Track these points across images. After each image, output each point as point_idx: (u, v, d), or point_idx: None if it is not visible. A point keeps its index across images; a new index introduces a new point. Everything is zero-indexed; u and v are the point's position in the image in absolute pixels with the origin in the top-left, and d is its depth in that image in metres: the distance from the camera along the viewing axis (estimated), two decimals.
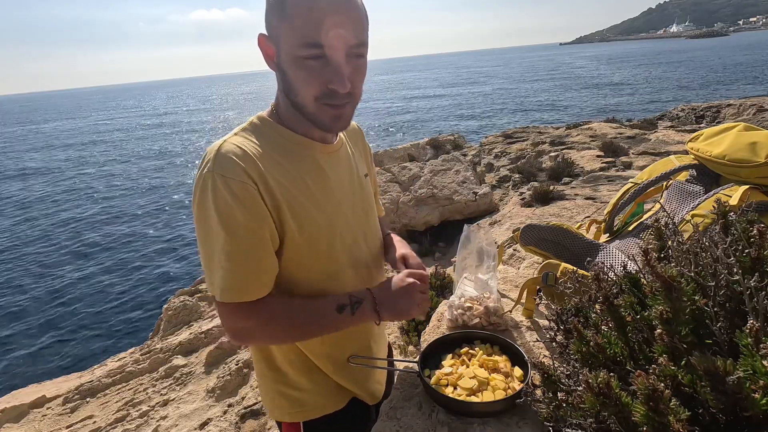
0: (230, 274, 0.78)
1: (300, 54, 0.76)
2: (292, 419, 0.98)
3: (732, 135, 1.21)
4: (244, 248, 0.78)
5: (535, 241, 1.38)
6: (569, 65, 69.70)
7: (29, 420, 3.06)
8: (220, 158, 0.77)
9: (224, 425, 2.48)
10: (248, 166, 0.77)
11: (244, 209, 0.76)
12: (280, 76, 0.82)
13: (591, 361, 0.67)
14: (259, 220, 0.78)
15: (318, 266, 0.89)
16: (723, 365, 0.49)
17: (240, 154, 0.78)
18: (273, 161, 0.82)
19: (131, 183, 17.41)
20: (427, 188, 5.41)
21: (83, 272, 9.26)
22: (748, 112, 7.93)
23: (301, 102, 0.81)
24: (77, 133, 38.21)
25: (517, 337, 1.09)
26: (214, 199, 0.76)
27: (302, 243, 0.85)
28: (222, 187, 0.75)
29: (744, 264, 0.63)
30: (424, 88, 54.36)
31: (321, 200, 0.87)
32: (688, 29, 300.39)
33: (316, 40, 0.74)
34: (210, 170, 0.76)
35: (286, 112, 0.87)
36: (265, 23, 0.80)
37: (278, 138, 0.85)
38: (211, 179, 0.76)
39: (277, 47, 0.79)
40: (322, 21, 0.73)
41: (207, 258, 0.80)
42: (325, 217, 0.87)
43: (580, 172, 4.97)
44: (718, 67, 42.07)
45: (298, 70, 0.77)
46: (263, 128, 0.86)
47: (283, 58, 0.79)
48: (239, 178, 0.76)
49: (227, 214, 0.76)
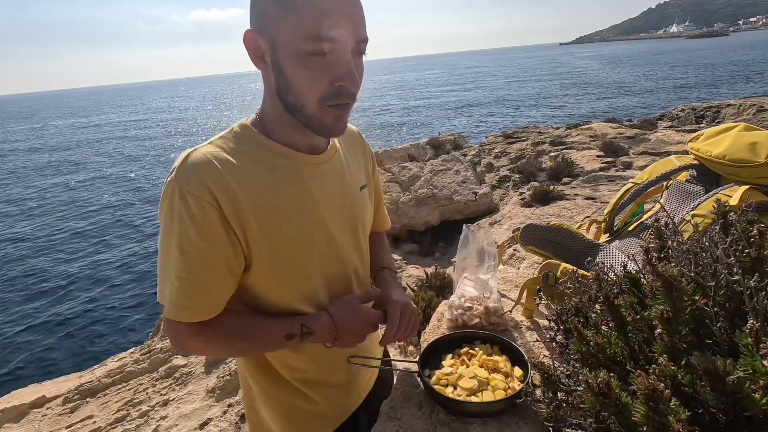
0: (178, 292, 0.74)
1: (305, 49, 0.69)
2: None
3: (732, 135, 1.21)
4: (195, 270, 0.74)
5: (535, 241, 1.38)
6: (569, 65, 69.68)
7: (29, 420, 3.06)
8: (184, 168, 0.72)
9: (224, 425, 2.48)
10: (211, 180, 0.72)
11: (198, 229, 0.72)
12: (275, 76, 0.74)
13: (591, 361, 0.67)
14: (213, 243, 0.73)
15: (289, 285, 0.84)
16: (723, 365, 0.49)
17: (205, 165, 0.73)
18: (247, 173, 0.76)
19: (131, 183, 17.41)
20: (427, 188, 5.41)
21: (83, 272, 9.25)
22: (748, 112, 7.92)
23: (301, 103, 0.74)
24: (83, 132, 38.19)
25: (517, 337, 1.09)
26: (170, 212, 0.72)
27: (271, 260, 0.79)
28: (179, 200, 0.71)
29: (744, 264, 0.63)
30: (425, 88, 54.35)
31: (297, 215, 0.80)
32: (688, 29, 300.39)
33: (325, 34, 0.68)
34: (172, 180, 0.72)
35: (274, 119, 0.80)
36: (254, 17, 0.73)
37: (258, 148, 0.79)
38: (171, 189, 0.72)
39: (271, 43, 0.72)
40: (332, 13, 0.67)
41: (161, 268, 0.77)
42: (300, 234, 0.80)
43: (580, 172, 4.97)
44: (718, 67, 42.06)
45: (301, 68, 0.70)
46: (243, 137, 0.79)
47: (282, 54, 0.71)
48: (197, 192, 0.71)
49: (181, 231, 0.72)
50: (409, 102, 39.42)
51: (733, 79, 31.12)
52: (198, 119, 43.68)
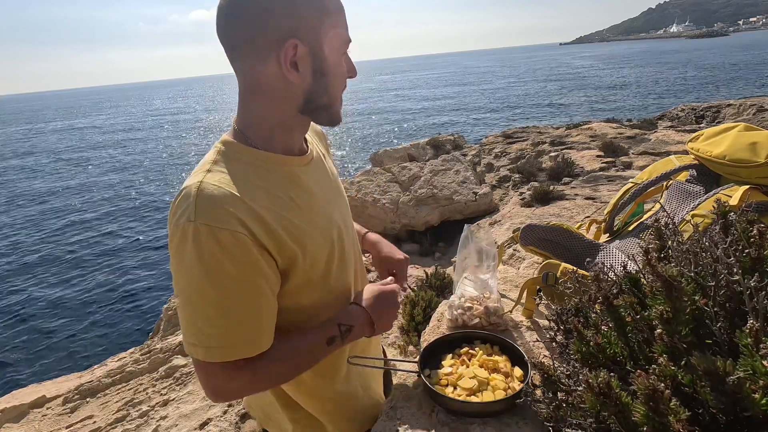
0: (227, 332, 0.70)
1: (342, 51, 0.76)
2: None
3: (732, 135, 1.21)
4: (239, 302, 0.70)
5: (535, 241, 1.38)
6: (569, 65, 69.69)
7: (29, 420, 3.06)
8: (203, 204, 0.67)
9: (224, 425, 2.48)
10: (237, 209, 0.68)
11: (235, 261, 0.68)
12: (313, 81, 0.74)
13: (591, 361, 0.67)
14: (253, 269, 0.70)
15: (319, 286, 0.84)
16: (723, 365, 0.49)
17: (224, 196, 0.69)
18: (257, 190, 0.73)
19: (130, 183, 17.41)
20: (427, 188, 5.41)
21: (83, 272, 9.26)
22: (748, 112, 7.92)
23: (333, 101, 0.79)
24: (84, 134, 38.18)
25: (517, 337, 1.09)
26: (198, 253, 0.66)
27: (307, 266, 0.79)
28: (207, 238, 0.66)
29: (744, 264, 0.63)
30: (425, 87, 54.36)
31: (311, 216, 0.80)
32: (688, 29, 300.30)
33: (347, 35, 0.76)
34: (191, 220, 0.66)
35: (272, 126, 0.78)
36: (283, 27, 0.69)
37: (254, 161, 0.76)
38: (193, 230, 0.66)
39: (314, 50, 0.72)
40: (344, 15, 0.76)
41: (191, 313, 0.71)
42: (319, 232, 0.81)
43: (580, 172, 4.97)
44: (718, 67, 42.07)
45: (339, 68, 0.76)
46: (235, 154, 0.76)
47: (327, 58, 0.74)
48: (228, 226, 0.67)
49: (216, 269, 0.67)
50: (410, 102, 39.43)
51: (733, 79, 31.12)
52: (201, 119, 43.64)
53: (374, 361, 1.05)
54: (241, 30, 0.70)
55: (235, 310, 0.70)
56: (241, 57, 0.73)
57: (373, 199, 5.32)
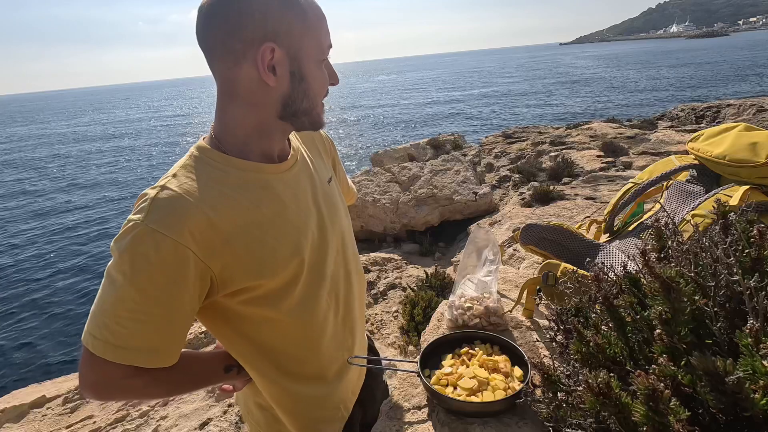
0: (133, 335, 0.68)
1: (321, 57, 0.77)
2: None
3: (732, 135, 1.21)
4: (155, 312, 0.68)
5: (535, 240, 1.38)
6: (569, 65, 69.69)
7: (29, 420, 3.06)
8: (156, 208, 0.67)
9: (224, 425, 2.48)
10: (191, 220, 0.67)
11: (166, 272, 0.67)
12: (291, 85, 0.75)
13: (591, 361, 0.67)
14: (182, 285, 0.68)
15: (293, 297, 0.82)
16: (723, 365, 0.49)
17: (179, 203, 0.68)
18: (222, 198, 0.72)
19: (131, 183, 17.42)
20: (427, 188, 5.41)
21: (84, 272, 9.26)
22: (748, 112, 7.92)
23: (313, 105, 0.78)
24: (86, 132, 38.22)
25: (517, 337, 1.09)
26: (132, 252, 0.66)
27: (265, 279, 0.77)
28: (147, 240, 0.65)
29: (744, 264, 0.63)
30: (425, 87, 54.34)
31: (280, 227, 0.78)
32: (688, 29, 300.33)
33: (328, 42, 0.78)
34: (141, 220, 0.66)
35: (249, 132, 0.77)
36: (263, 31, 0.69)
37: (225, 168, 0.75)
38: (139, 230, 0.66)
39: (292, 54, 0.73)
40: (325, 23, 0.77)
41: (104, 306, 0.68)
42: (287, 246, 0.79)
43: (580, 172, 4.97)
44: (718, 66, 42.05)
45: (318, 73, 0.77)
46: (205, 161, 0.75)
47: (306, 63, 0.74)
48: (174, 236, 0.66)
49: (144, 273, 0.66)
50: (410, 102, 39.43)
51: (732, 79, 31.12)
52: (201, 119, 43.67)
53: (374, 361, 1.05)
54: (218, 31, 0.70)
55: (149, 319, 0.68)
56: (218, 59, 0.73)
57: (373, 199, 5.32)
